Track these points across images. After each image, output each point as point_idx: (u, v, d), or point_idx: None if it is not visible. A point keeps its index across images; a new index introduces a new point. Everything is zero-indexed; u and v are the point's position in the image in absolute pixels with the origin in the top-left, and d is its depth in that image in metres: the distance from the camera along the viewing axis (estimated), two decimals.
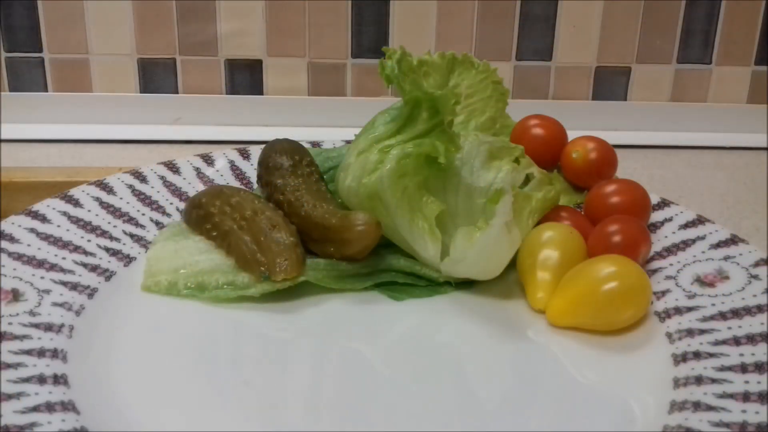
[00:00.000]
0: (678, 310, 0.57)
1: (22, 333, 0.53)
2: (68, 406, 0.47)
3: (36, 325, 0.54)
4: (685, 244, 0.63)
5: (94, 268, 0.60)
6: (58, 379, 0.49)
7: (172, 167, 0.72)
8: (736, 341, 0.53)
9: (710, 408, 0.48)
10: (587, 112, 0.93)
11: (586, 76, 0.93)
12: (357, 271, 0.60)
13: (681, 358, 0.53)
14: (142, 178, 0.70)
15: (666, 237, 0.64)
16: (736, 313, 0.55)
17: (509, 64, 0.92)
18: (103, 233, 0.64)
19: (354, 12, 0.90)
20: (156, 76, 0.92)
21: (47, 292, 0.57)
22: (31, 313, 0.55)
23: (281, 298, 0.58)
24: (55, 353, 0.51)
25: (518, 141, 0.64)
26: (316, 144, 0.76)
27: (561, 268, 0.58)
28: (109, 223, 0.65)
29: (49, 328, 0.54)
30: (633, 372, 0.53)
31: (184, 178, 0.71)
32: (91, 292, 0.58)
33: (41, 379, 0.49)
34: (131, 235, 0.64)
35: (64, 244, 0.62)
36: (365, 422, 0.48)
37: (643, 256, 0.60)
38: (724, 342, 0.53)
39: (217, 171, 0.72)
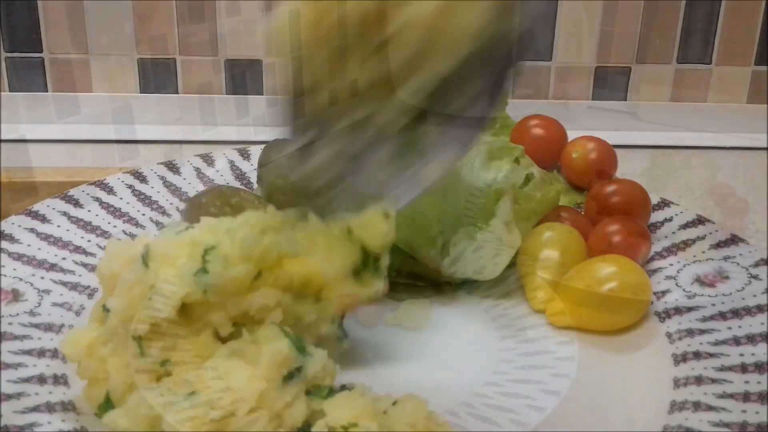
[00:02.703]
0: (678, 310, 0.57)
1: (22, 333, 0.53)
2: (68, 406, 0.47)
3: (36, 325, 0.54)
4: (685, 244, 0.63)
5: (94, 268, 0.60)
6: (58, 379, 0.49)
7: (172, 167, 0.72)
8: (736, 341, 0.53)
9: (710, 408, 0.48)
10: (587, 112, 0.93)
11: (586, 76, 0.93)
12: None
13: (681, 358, 0.53)
14: (142, 178, 0.70)
15: (666, 237, 0.64)
16: (736, 313, 0.55)
17: None
18: (103, 233, 0.64)
19: None
20: (156, 76, 0.92)
21: (47, 292, 0.57)
22: (31, 313, 0.55)
23: None
24: (55, 353, 0.51)
25: (518, 141, 0.64)
26: None
27: (561, 268, 0.58)
28: (109, 223, 0.65)
29: (49, 328, 0.54)
30: (633, 372, 0.53)
31: (184, 179, 0.71)
32: (91, 292, 0.58)
33: (41, 379, 0.49)
34: (131, 235, 0.64)
35: (64, 244, 0.62)
36: None
37: (643, 256, 0.60)
38: (724, 342, 0.53)
39: (217, 171, 0.72)
